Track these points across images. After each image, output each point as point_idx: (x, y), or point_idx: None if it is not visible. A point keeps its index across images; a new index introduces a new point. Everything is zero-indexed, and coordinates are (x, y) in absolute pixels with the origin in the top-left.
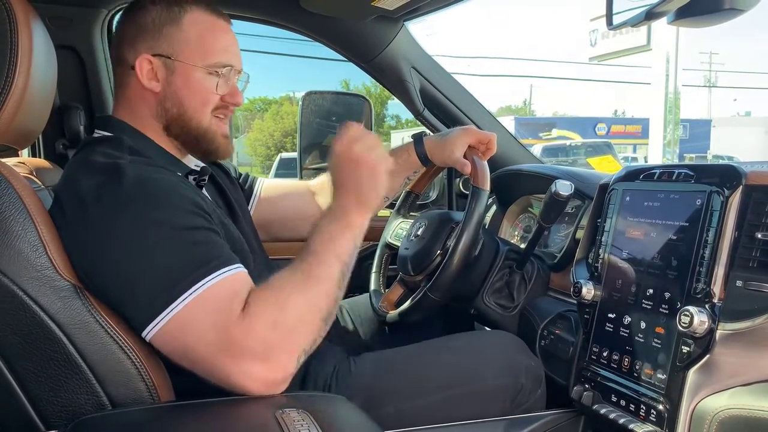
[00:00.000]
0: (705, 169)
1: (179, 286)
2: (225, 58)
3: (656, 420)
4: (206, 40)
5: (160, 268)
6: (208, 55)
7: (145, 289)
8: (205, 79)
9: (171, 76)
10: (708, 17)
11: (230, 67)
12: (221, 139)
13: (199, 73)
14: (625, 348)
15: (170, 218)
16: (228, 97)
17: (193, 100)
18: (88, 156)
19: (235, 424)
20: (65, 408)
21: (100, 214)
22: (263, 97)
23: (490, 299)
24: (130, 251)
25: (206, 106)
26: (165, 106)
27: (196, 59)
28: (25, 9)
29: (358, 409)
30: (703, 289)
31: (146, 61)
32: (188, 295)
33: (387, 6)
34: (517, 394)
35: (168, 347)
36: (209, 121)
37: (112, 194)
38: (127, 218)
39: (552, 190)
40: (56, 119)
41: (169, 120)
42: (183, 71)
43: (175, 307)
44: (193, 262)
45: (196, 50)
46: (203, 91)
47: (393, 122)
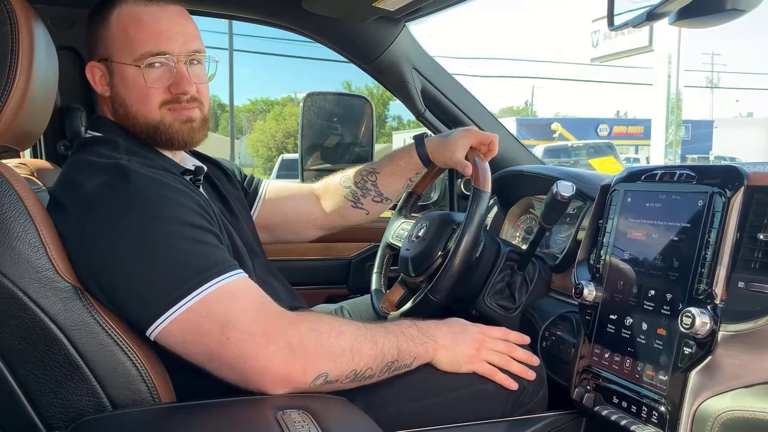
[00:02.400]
0: (707, 170)
1: (201, 276)
2: (154, 47)
3: (658, 422)
4: (130, 33)
5: (171, 263)
6: (135, 48)
7: (157, 284)
8: (136, 75)
9: (112, 78)
10: (710, 18)
11: (164, 55)
12: (179, 126)
13: (130, 69)
14: (627, 349)
15: (176, 216)
16: (173, 87)
17: (131, 98)
18: (86, 157)
19: (235, 425)
20: (66, 409)
21: (107, 214)
22: (265, 98)
23: (491, 300)
24: (139, 249)
25: (147, 102)
26: (115, 107)
27: (124, 56)
28: (26, 10)
29: (359, 410)
30: (705, 291)
31: (95, 68)
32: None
33: (388, 7)
34: (518, 396)
35: (184, 336)
36: (160, 116)
37: (117, 194)
38: (134, 217)
39: (553, 191)
40: (57, 120)
41: (123, 121)
42: (118, 71)
43: (199, 293)
44: (213, 257)
45: (123, 46)
46: (138, 87)
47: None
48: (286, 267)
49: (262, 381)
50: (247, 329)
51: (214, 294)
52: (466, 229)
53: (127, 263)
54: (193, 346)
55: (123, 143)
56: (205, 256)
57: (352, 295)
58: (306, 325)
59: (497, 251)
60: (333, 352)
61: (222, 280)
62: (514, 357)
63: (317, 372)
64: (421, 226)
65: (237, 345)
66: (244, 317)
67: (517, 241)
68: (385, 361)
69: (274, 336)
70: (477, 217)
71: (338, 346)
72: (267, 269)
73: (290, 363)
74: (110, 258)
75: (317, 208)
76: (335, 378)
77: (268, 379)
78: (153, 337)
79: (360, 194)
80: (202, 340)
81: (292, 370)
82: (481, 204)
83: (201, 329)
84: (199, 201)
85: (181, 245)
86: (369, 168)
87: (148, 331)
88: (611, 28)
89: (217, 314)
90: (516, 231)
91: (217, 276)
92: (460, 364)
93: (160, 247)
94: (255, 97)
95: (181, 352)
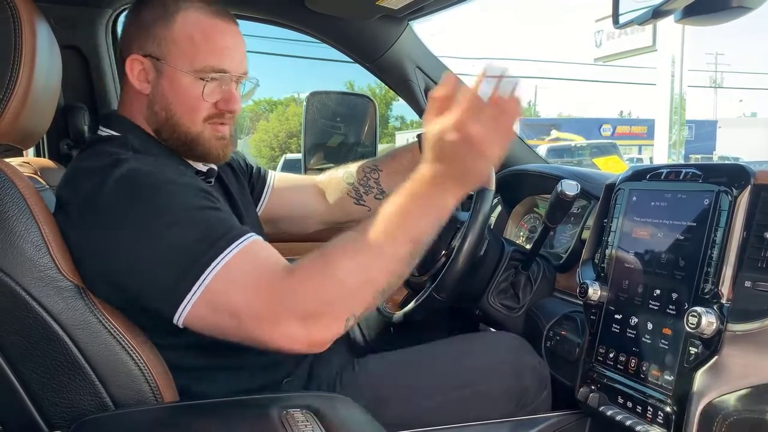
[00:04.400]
0: (713, 169)
1: (202, 260)
2: (217, 62)
3: (663, 422)
4: (197, 42)
5: (177, 248)
6: (198, 59)
7: (166, 273)
8: (192, 85)
9: (159, 78)
10: (715, 15)
11: (224, 73)
12: (215, 143)
13: (187, 78)
14: (632, 349)
15: (177, 201)
16: (222, 104)
17: (180, 105)
18: (91, 156)
19: (238, 425)
20: (68, 408)
21: (107, 210)
22: (268, 99)
23: (495, 300)
24: (143, 241)
25: (195, 113)
26: (154, 109)
27: (183, 63)
28: (29, 9)
29: (363, 409)
30: (711, 290)
31: (137, 62)
32: (215, 265)
33: (391, 6)
34: (522, 396)
35: (205, 322)
36: (201, 129)
37: (115, 188)
38: (135, 209)
39: (558, 190)
40: (61, 119)
41: (158, 124)
42: (170, 75)
43: (204, 279)
44: (210, 235)
45: (185, 53)
46: (190, 97)
47: (397, 123)
48: None
49: (293, 350)
50: (255, 310)
51: (218, 275)
52: (470, 227)
53: (137, 256)
54: (214, 330)
55: (134, 141)
56: (212, 228)
57: None
58: (316, 277)
59: (501, 250)
60: (344, 293)
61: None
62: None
63: (342, 321)
64: None
65: (252, 325)
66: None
67: (521, 240)
68: (404, 261)
69: (284, 311)
70: (481, 215)
71: (348, 285)
72: None
73: (311, 330)
74: (118, 254)
75: (321, 202)
76: (362, 309)
77: (297, 348)
78: (182, 322)
79: (362, 191)
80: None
81: (316, 333)
82: (485, 202)
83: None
84: (201, 185)
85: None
86: (371, 165)
87: (175, 319)
88: (616, 26)
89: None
90: (520, 230)
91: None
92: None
93: (166, 234)
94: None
95: (209, 335)
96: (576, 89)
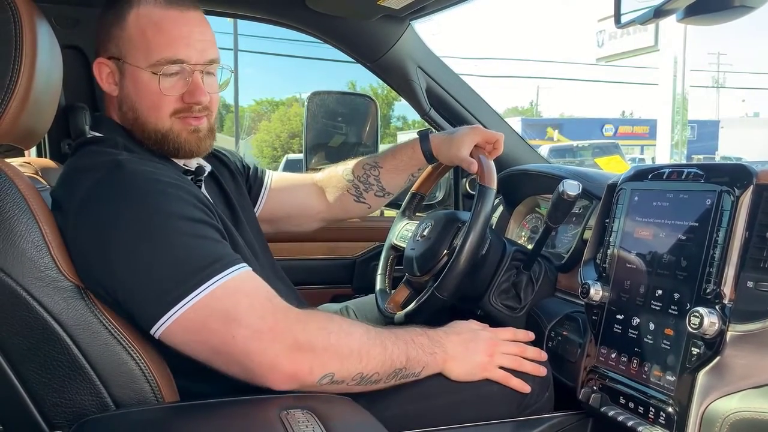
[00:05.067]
0: (715, 169)
1: (203, 273)
2: (172, 53)
3: (665, 423)
4: (149, 36)
5: (172, 260)
6: (152, 54)
7: (159, 282)
8: (151, 81)
9: (123, 79)
10: (717, 15)
11: (181, 63)
12: (187, 136)
13: (145, 74)
14: (634, 350)
15: (173, 209)
16: (187, 96)
17: (143, 103)
18: (83, 156)
19: (239, 425)
20: (69, 408)
21: (101, 212)
22: (270, 99)
23: (496, 300)
24: (138, 246)
25: (159, 110)
26: (123, 110)
27: (139, 60)
28: (30, 9)
29: (364, 410)
30: (713, 290)
31: (103, 65)
32: (217, 280)
33: (392, 5)
34: (523, 398)
35: (188, 334)
36: (169, 124)
37: (111, 189)
38: (130, 211)
39: (559, 190)
40: (62, 119)
41: (129, 124)
42: (131, 74)
43: (203, 290)
44: (216, 253)
45: (139, 49)
46: (151, 93)
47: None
48: (290, 266)
49: (270, 378)
50: (254, 326)
51: (218, 291)
52: (472, 226)
53: (127, 262)
54: (198, 345)
55: (122, 142)
56: (206, 251)
57: (356, 295)
58: (314, 323)
59: (503, 250)
60: (341, 352)
61: (225, 276)
62: (525, 356)
63: (324, 371)
64: (426, 225)
65: (244, 343)
66: (251, 314)
67: (522, 240)
68: (393, 368)
69: (282, 333)
70: (483, 214)
71: (347, 346)
72: (272, 270)
73: (297, 361)
74: (109, 257)
75: (321, 201)
76: (341, 379)
77: (276, 376)
78: (158, 336)
79: (363, 188)
80: (207, 337)
81: (299, 368)
82: (487, 201)
83: (206, 327)
84: (198, 195)
85: (182, 241)
86: (371, 162)
87: (152, 330)
88: (618, 26)
89: (222, 311)
90: (522, 230)
91: (220, 272)
92: (474, 373)
93: (159, 244)
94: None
95: (187, 350)
96: (578, 89)
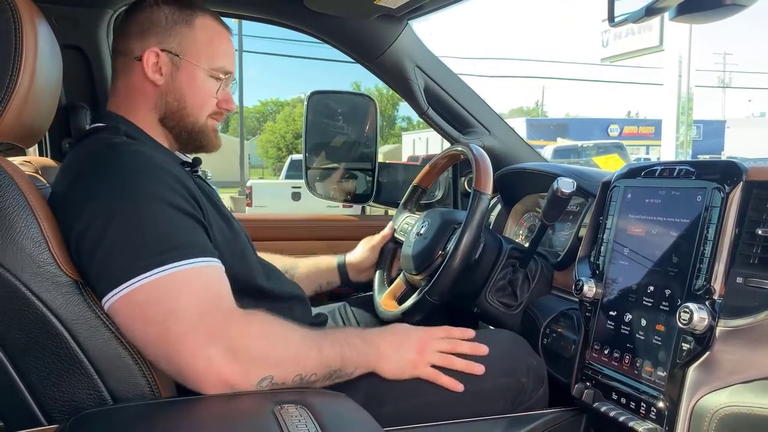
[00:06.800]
0: (706, 166)
1: (157, 258)
2: (227, 65)
3: (656, 418)
4: (214, 44)
5: (134, 239)
6: (214, 59)
7: (116, 257)
8: (206, 81)
9: (176, 72)
10: (710, 13)
11: (230, 74)
12: (212, 134)
13: (203, 74)
14: (626, 346)
15: (155, 191)
16: (223, 102)
17: (194, 99)
18: (84, 145)
19: (233, 419)
20: (67, 402)
21: (88, 179)
22: (275, 99)
23: (493, 298)
24: (108, 217)
25: (204, 108)
26: (166, 99)
27: (202, 61)
28: (30, 9)
29: (357, 405)
30: (703, 286)
31: (153, 54)
32: (167, 269)
33: (390, 5)
34: (518, 394)
35: (129, 316)
36: (205, 122)
37: (102, 161)
38: (114, 183)
39: (554, 187)
40: (62, 118)
41: (168, 112)
42: (188, 70)
43: (151, 275)
44: (177, 240)
45: (204, 52)
46: (204, 92)
47: (404, 124)
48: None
49: (199, 381)
50: (191, 324)
51: (167, 278)
52: (464, 231)
53: (95, 231)
54: (134, 328)
55: (124, 129)
56: (170, 236)
57: (354, 294)
58: (254, 328)
59: (499, 249)
60: (278, 357)
61: (181, 266)
62: (459, 353)
63: (261, 376)
64: (424, 223)
65: (177, 339)
66: (190, 310)
67: (520, 238)
68: (328, 369)
69: (217, 337)
70: (476, 220)
71: (284, 352)
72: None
73: (231, 367)
74: (84, 221)
75: None
76: (281, 381)
77: (206, 380)
78: (106, 309)
79: None
80: (143, 324)
81: (232, 374)
82: (480, 206)
83: (145, 313)
84: (188, 184)
85: (151, 222)
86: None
87: (102, 301)
88: (612, 24)
89: (164, 301)
90: (519, 229)
91: (176, 260)
92: (404, 370)
93: (129, 220)
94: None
95: (125, 331)
96: (583, 89)
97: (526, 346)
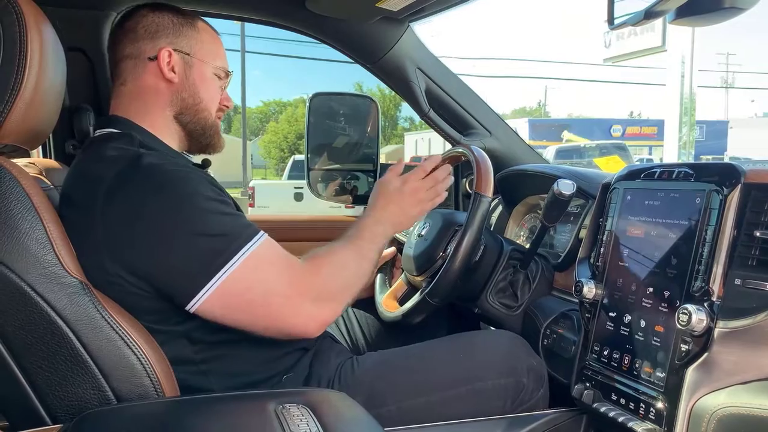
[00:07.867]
0: (704, 168)
1: (231, 247)
2: (226, 65)
3: (655, 418)
4: (216, 45)
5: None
6: (218, 59)
7: (192, 260)
8: (214, 79)
9: (189, 70)
10: (708, 16)
11: (230, 73)
12: (218, 133)
13: (211, 72)
14: (626, 346)
15: (197, 189)
16: (224, 99)
17: (207, 94)
18: (99, 152)
19: (236, 419)
20: (71, 402)
21: (131, 201)
22: (278, 100)
23: (494, 299)
24: (168, 226)
25: (214, 102)
26: (181, 95)
27: (209, 59)
28: (34, 12)
29: (358, 405)
30: (702, 288)
31: (167, 53)
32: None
33: (391, 7)
34: (518, 394)
35: (224, 308)
36: (214, 119)
37: (138, 180)
38: (158, 195)
39: (554, 189)
40: (66, 120)
41: (183, 108)
42: (199, 68)
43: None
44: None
45: (209, 52)
46: (213, 88)
47: (407, 124)
48: None
49: (306, 333)
50: (285, 293)
51: (247, 263)
52: (464, 234)
53: (161, 242)
54: (237, 315)
55: (138, 138)
56: (231, 225)
57: None
58: (324, 270)
59: (500, 250)
60: (348, 283)
61: (252, 245)
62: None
63: (345, 303)
64: (425, 224)
65: (279, 309)
66: (280, 282)
67: (521, 240)
68: (372, 265)
69: (305, 293)
70: (476, 223)
71: (350, 277)
72: None
73: (323, 311)
74: (144, 241)
75: None
76: (356, 295)
77: (311, 329)
78: (194, 311)
79: None
80: (247, 306)
81: (327, 315)
82: (480, 209)
83: (243, 298)
84: (210, 179)
85: (209, 217)
86: None
87: (189, 305)
88: (611, 27)
89: (254, 283)
90: (521, 230)
91: (245, 243)
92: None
93: (188, 223)
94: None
95: (226, 322)
96: (586, 90)
97: (526, 347)
